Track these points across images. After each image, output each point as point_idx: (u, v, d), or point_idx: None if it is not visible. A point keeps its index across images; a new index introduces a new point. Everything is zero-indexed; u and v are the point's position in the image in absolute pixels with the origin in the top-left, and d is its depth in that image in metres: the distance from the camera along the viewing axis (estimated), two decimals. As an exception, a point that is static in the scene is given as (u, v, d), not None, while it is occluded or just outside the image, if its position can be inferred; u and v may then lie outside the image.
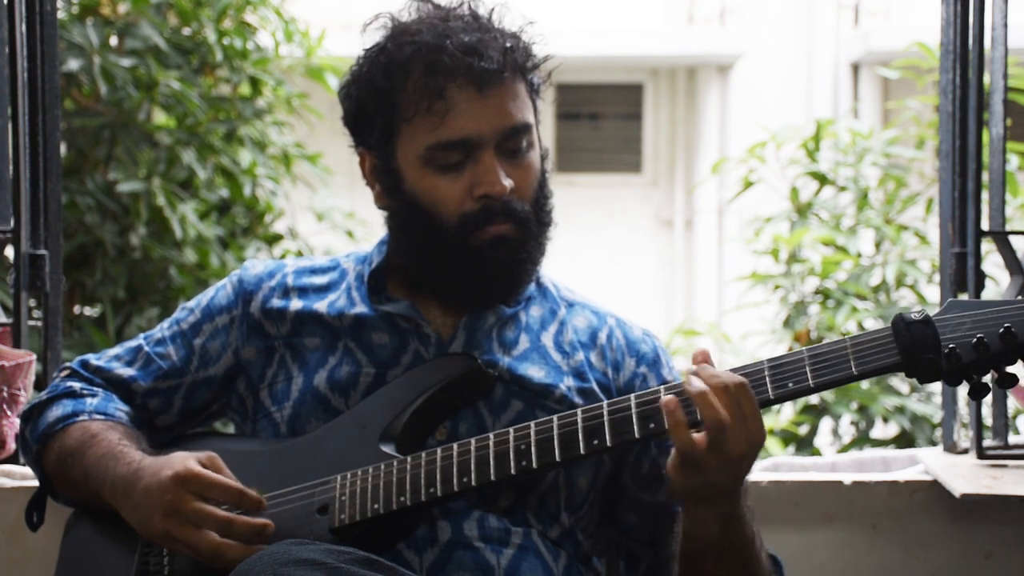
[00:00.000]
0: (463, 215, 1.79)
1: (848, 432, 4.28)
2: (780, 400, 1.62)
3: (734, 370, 1.63)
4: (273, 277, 1.95)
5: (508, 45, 1.80)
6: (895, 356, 1.58)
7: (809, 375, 1.60)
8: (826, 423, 4.25)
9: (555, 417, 1.68)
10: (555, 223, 1.88)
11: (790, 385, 1.60)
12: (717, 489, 1.62)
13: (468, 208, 1.79)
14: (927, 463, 2.38)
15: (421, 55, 1.78)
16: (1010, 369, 1.58)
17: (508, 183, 1.79)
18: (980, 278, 2.39)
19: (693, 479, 1.60)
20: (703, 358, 1.64)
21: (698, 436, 1.58)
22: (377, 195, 1.90)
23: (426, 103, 1.78)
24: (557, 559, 1.80)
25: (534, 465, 1.66)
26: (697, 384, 1.59)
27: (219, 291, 1.97)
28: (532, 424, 1.68)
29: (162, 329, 1.98)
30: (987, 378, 1.60)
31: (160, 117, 4.49)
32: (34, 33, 2.34)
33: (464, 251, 1.80)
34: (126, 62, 4.22)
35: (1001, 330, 1.54)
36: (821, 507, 2.31)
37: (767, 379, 1.61)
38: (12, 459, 2.27)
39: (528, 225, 1.82)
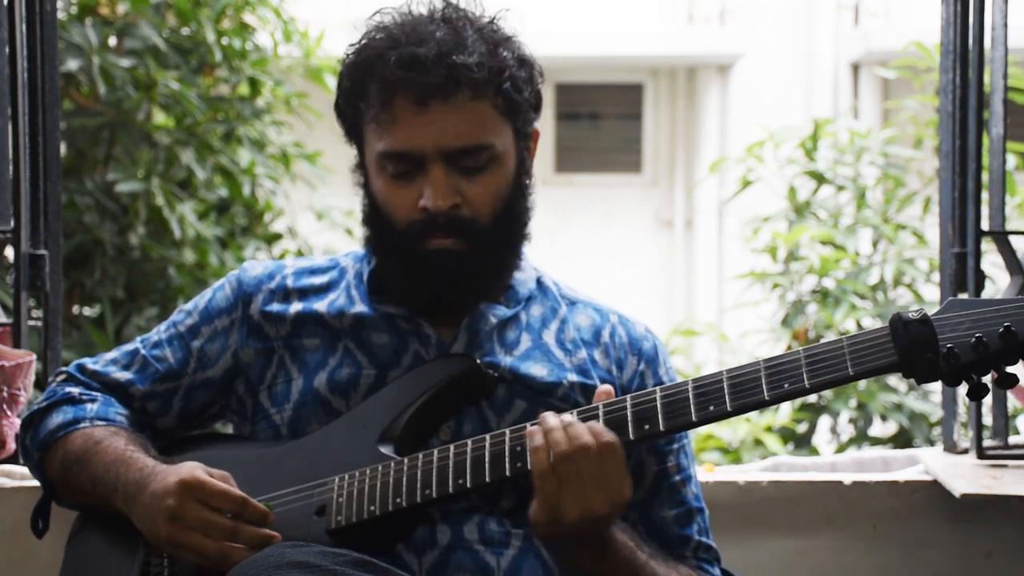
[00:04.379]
0: (410, 223, 1.79)
1: (847, 430, 4.29)
2: (776, 401, 1.61)
3: (729, 371, 1.63)
4: (273, 279, 1.95)
5: (470, 60, 1.75)
6: (892, 356, 1.56)
7: (805, 376, 1.59)
8: (824, 421, 4.25)
9: None
10: (527, 237, 1.87)
11: (786, 386, 1.60)
12: (577, 537, 1.63)
13: (415, 217, 1.79)
14: (927, 463, 2.38)
15: (373, 64, 1.78)
16: (1010, 369, 1.57)
17: (452, 199, 1.77)
18: (980, 278, 2.39)
19: (550, 528, 1.62)
20: (604, 397, 1.69)
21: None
22: (357, 187, 1.91)
23: (375, 112, 1.78)
24: (559, 560, 1.79)
25: (529, 467, 1.66)
26: (537, 440, 1.62)
27: (217, 293, 1.96)
28: (528, 425, 1.68)
29: (159, 332, 1.97)
30: (987, 378, 1.59)
31: (159, 117, 4.49)
32: (34, 33, 2.34)
33: (413, 257, 1.80)
34: (125, 62, 4.22)
35: (1001, 329, 1.53)
36: (821, 507, 2.31)
37: (763, 380, 1.60)
38: (12, 459, 2.26)
39: (478, 239, 1.79)
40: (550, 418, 1.64)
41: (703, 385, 1.63)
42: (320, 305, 1.90)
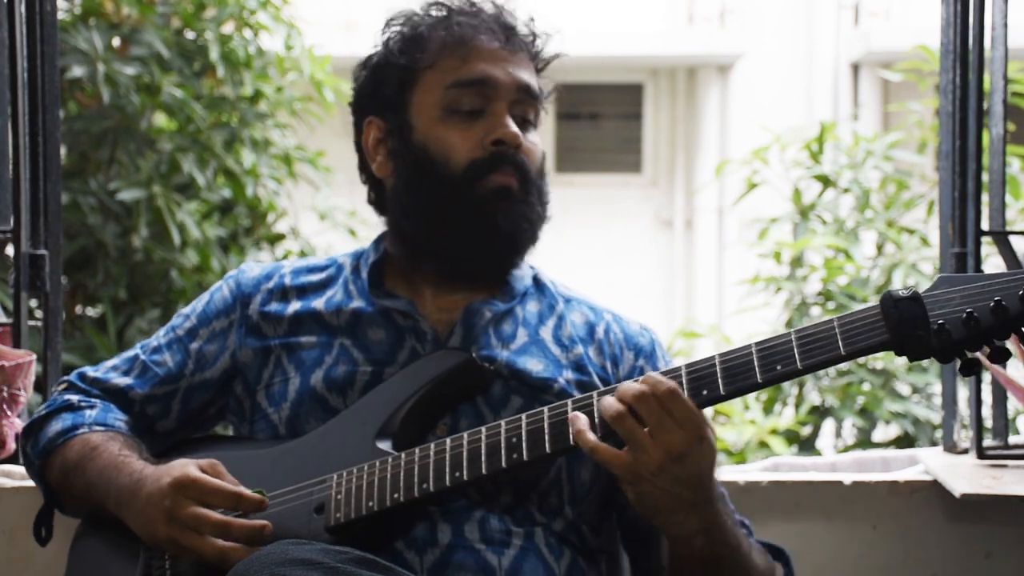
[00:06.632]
0: (472, 160, 1.83)
1: (850, 433, 4.28)
2: (769, 383, 1.60)
3: (721, 355, 1.63)
4: (271, 279, 1.95)
5: (529, 29, 1.91)
6: (884, 334, 1.55)
7: (797, 357, 1.58)
8: (828, 424, 4.25)
9: (546, 408, 1.68)
10: (550, 216, 1.92)
11: (779, 368, 1.58)
12: (680, 500, 1.60)
13: (478, 155, 1.83)
14: (927, 463, 2.38)
15: (453, 11, 1.88)
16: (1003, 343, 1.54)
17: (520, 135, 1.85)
18: (980, 278, 2.38)
19: (642, 487, 1.59)
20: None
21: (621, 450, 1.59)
22: (379, 165, 1.91)
23: (451, 47, 1.85)
24: (560, 559, 1.79)
25: (525, 457, 1.66)
26: (609, 401, 1.61)
27: (215, 295, 1.97)
28: (523, 416, 1.68)
29: (158, 337, 1.98)
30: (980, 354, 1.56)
31: (162, 119, 4.49)
32: (34, 33, 2.34)
33: (468, 201, 1.82)
34: (130, 70, 4.22)
35: (992, 304, 1.51)
36: (821, 507, 2.31)
37: (755, 362, 1.60)
38: (12, 459, 2.27)
39: (532, 184, 1.86)
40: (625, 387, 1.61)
41: (696, 370, 1.63)
42: (318, 303, 1.91)
